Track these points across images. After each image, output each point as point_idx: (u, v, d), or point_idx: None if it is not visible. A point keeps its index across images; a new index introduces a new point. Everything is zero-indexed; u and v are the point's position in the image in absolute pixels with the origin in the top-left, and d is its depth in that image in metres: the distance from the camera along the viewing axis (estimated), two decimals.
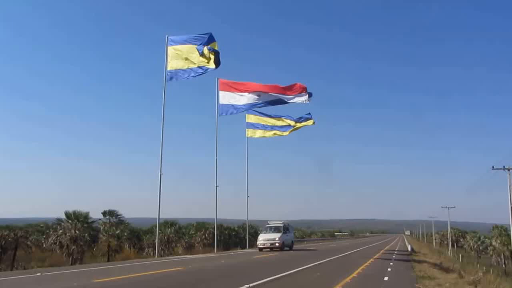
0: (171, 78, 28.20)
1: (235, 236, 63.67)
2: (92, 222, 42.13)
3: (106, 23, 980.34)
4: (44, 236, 50.20)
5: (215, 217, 35.71)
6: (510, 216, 32.78)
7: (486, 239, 79.92)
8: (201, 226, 59.85)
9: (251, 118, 38.46)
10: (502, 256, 65.59)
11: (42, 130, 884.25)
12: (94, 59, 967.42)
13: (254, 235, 66.34)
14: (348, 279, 15.60)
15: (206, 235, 56.60)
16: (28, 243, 48.48)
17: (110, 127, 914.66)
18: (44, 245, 49.37)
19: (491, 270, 33.77)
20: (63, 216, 39.85)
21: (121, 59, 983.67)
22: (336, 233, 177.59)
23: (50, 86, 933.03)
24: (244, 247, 45.84)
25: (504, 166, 34.49)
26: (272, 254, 31.28)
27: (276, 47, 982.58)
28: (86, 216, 40.17)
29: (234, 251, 40.19)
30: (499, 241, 68.49)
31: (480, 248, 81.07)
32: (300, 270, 18.43)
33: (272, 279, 14.45)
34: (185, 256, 34.07)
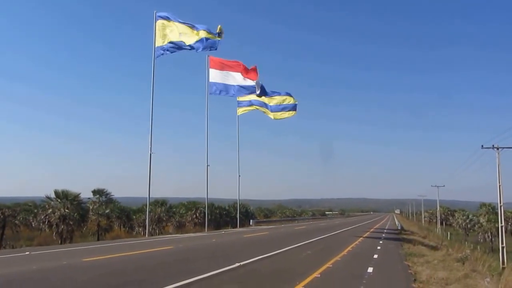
0: (160, 55, 27.69)
1: (227, 215, 64.14)
2: (81, 201, 42.00)
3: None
4: (33, 215, 50.09)
5: (206, 196, 35.87)
6: (499, 194, 33.37)
7: (474, 217, 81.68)
8: (192, 205, 60.10)
9: (242, 96, 38.16)
10: (489, 234, 67.18)
11: (26, 110, 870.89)
12: (79, 38, 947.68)
13: (246, 214, 67.09)
14: (338, 257, 15.86)
15: (197, 214, 56.93)
16: (16, 222, 48.28)
17: (97, 106, 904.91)
18: (32, 224, 49.33)
19: (478, 247, 34.68)
20: (52, 195, 39.62)
21: (108, 38, 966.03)
22: (326, 212, 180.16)
23: (35, 66, 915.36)
24: (235, 226, 46.29)
25: (493, 145, 34.82)
26: (263, 233, 31.67)
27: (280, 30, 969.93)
28: (75, 195, 39.99)
29: (225, 230, 40.59)
30: (486, 219, 70.10)
31: (468, 226, 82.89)
32: (290, 248, 18.69)
33: (263, 257, 14.64)
34: (176, 235, 34.31)
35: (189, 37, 27.08)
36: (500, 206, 34.15)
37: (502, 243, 32.44)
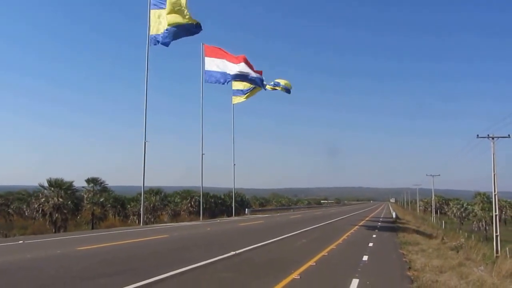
0: (155, 44, 27.33)
1: (222, 204, 64.42)
2: (75, 190, 41.91)
3: None
4: (26, 204, 49.94)
5: (201, 185, 35.88)
6: (493, 184, 33.69)
7: (469, 206, 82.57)
8: (187, 194, 60.23)
9: (237, 85, 37.99)
10: (484, 222, 68.03)
11: (19, 98, 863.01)
12: (71, 26, 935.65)
13: (241, 203, 67.36)
14: (333, 246, 15.98)
15: (192, 203, 57.13)
16: (10, 211, 48.25)
17: (92, 95, 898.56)
18: (26, 213, 49.22)
19: (472, 236, 35.10)
20: (45, 184, 39.48)
21: (101, 26, 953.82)
22: (322, 201, 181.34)
23: (26, 54, 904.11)
24: (230, 215, 46.46)
25: (488, 135, 35.04)
26: (259, 221, 31.82)
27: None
28: (68, 184, 39.87)
29: (220, 219, 40.73)
30: (480, 208, 70.92)
31: (463, 214, 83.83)
32: (286, 237, 18.80)
33: (258, 246, 14.71)
34: (170, 224, 34.40)
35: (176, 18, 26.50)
36: (495, 195, 34.51)
37: (496, 232, 32.85)
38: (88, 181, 48.05)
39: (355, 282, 9.03)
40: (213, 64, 32.36)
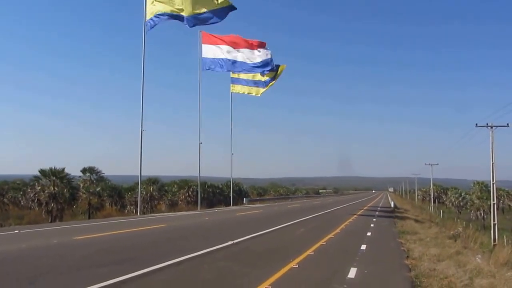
0: (151, 27, 27.04)
1: (220, 194, 64.57)
2: (71, 179, 41.91)
3: None
4: (21, 193, 49.95)
5: (198, 175, 35.93)
6: (492, 173, 33.85)
7: (467, 195, 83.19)
8: (184, 183, 60.33)
9: (236, 74, 37.74)
10: (482, 211, 68.64)
11: (13, 88, 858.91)
12: (64, 16, 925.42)
13: (239, 193, 67.54)
14: (331, 235, 16.09)
15: (190, 193, 57.27)
16: (5, 200, 48.27)
17: (87, 84, 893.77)
18: (21, 203, 49.26)
19: (470, 225, 35.47)
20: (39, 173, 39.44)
21: (98, 15, 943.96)
22: (320, 191, 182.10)
23: (24, 47, 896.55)
24: (228, 205, 46.64)
25: (487, 124, 35.10)
26: (257, 211, 31.96)
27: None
28: (63, 173, 39.77)
29: (218, 208, 40.87)
30: (478, 197, 71.46)
31: (461, 203, 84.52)
32: (284, 226, 18.91)
33: (256, 235, 14.79)
34: (168, 213, 34.54)
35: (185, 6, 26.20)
36: (493, 184, 34.70)
37: (494, 221, 33.11)
38: (85, 170, 48.06)
39: (353, 271, 9.10)
40: (211, 51, 32.14)
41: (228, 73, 37.05)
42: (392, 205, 51.28)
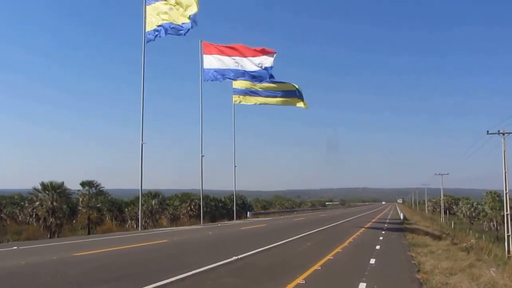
0: (149, 41, 27.44)
1: (223, 207, 64.28)
2: (70, 193, 41.90)
3: None
4: (19, 208, 49.95)
5: (201, 188, 35.86)
6: (504, 181, 33.59)
7: (479, 205, 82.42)
8: (187, 197, 60.14)
9: (238, 84, 37.87)
10: (495, 222, 67.88)
11: (12, 99, 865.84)
12: (67, 25, 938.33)
13: (242, 206, 67.26)
14: (339, 249, 15.97)
15: (192, 207, 57.03)
16: (2, 215, 48.22)
17: (86, 96, 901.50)
18: (19, 218, 49.21)
19: (483, 237, 35.10)
20: (39, 187, 39.47)
21: (97, 25, 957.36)
22: (327, 203, 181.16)
23: (22, 54, 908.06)
24: (231, 219, 46.44)
25: (499, 131, 34.96)
26: (261, 225, 31.82)
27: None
28: (62, 187, 39.79)
29: (221, 222, 40.73)
30: (491, 207, 70.73)
31: (473, 214, 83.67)
32: (290, 240, 18.80)
33: (261, 250, 14.71)
34: (170, 228, 34.44)
35: (177, 16, 26.79)
36: (506, 193, 34.42)
37: (508, 232, 32.78)
38: (83, 184, 48.04)
39: (362, 286, 9.03)
40: (212, 61, 32.32)
41: (230, 81, 37.20)
42: (401, 217, 50.92)
